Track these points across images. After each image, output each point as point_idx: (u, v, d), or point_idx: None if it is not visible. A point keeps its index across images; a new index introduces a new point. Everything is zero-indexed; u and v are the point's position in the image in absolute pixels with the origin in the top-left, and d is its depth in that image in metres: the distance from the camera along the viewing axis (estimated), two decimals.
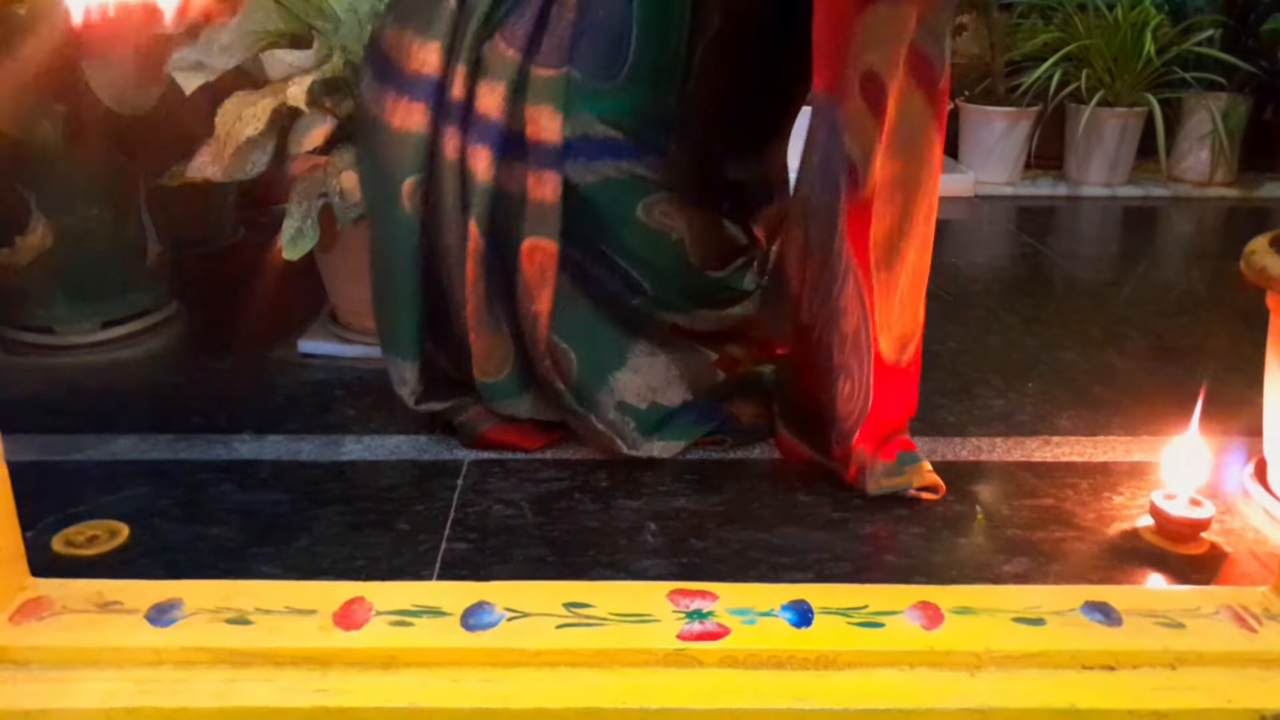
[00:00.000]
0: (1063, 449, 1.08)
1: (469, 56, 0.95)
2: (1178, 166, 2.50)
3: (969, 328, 1.46)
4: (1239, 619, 0.74)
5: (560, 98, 0.94)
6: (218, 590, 0.76)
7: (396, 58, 0.96)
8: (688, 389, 1.06)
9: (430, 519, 0.93)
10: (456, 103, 0.95)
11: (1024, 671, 0.70)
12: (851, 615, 0.74)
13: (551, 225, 0.95)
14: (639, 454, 1.02)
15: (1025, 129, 2.43)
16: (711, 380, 1.07)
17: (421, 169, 0.96)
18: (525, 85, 0.94)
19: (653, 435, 1.03)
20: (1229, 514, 0.96)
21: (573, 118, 0.94)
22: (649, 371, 1.04)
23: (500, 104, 0.94)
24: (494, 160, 0.95)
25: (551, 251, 0.95)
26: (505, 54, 0.94)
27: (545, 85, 0.94)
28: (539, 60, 0.94)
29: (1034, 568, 0.87)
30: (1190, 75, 2.36)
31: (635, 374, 1.03)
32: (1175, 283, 1.82)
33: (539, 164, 0.94)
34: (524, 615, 0.73)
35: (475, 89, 0.95)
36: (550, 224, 0.95)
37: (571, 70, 0.94)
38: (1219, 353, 1.37)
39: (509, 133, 0.95)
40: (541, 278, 0.96)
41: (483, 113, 0.95)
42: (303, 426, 1.11)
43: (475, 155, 0.95)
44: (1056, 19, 2.48)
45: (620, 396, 1.02)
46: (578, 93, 0.94)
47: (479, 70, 0.95)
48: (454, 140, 0.95)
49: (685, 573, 0.86)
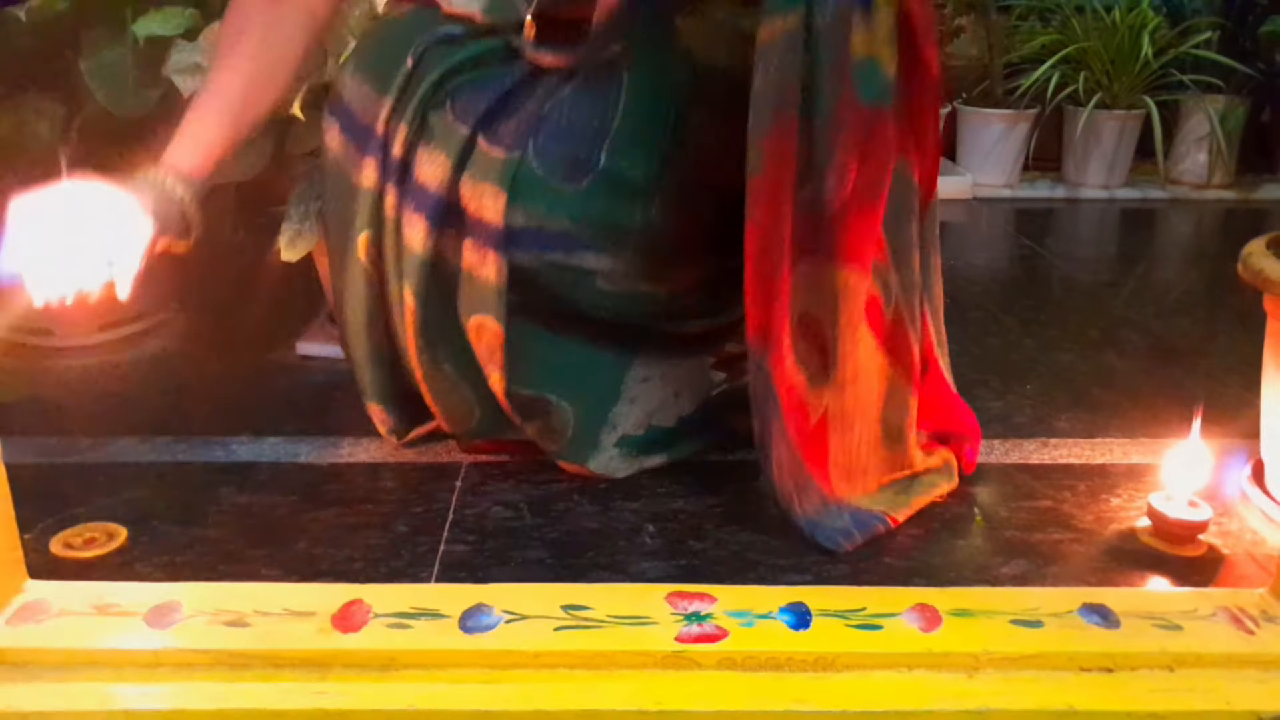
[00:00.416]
0: (1061, 451, 1.09)
1: (412, 119, 0.91)
2: (1176, 168, 2.50)
3: (967, 329, 1.46)
4: (1236, 621, 0.74)
5: (506, 180, 0.89)
6: (216, 593, 0.76)
7: (355, 109, 0.93)
8: (686, 401, 1.04)
9: (429, 521, 0.93)
10: (395, 161, 0.92)
11: (1022, 673, 0.70)
12: (850, 617, 0.74)
13: (495, 306, 0.91)
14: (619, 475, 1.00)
15: (1023, 131, 2.43)
16: (709, 384, 1.06)
17: (372, 224, 0.94)
18: (470, 159, 0.90)
19: (641, 457, 1.01)
20: (1227, 516, 0.96)
21: (523, 209, 0.89)
22: (646, 399, 1.01)
23: (440, 175, 0.90)
24: (430, 231, 0.91)
25: (497, 331, 0.92)
26: (453, 126, 0.90)
27: (492, 164, 0.89)
28: (490, 137, 0.90)
29: (1032, 570, 0.87)
30: (1188, 77, 2.36)
31: (633, 404, 1.01)
32: (1173, 285, 1.83)
33: (480, 242, 0.90)
34: (522, 617, 0.73)
35: (415, 154, 0.91)
36: (493, 304, 0.91)
37: (527, 158, 0.89)
38: (1217, 355, 1.37)
39: (448, 204, 0.91)
40: (490, 356, 0.93)
41: (421, 182, 0.91)
42: (301, 428, 1.11)
43: (411, 224, 0.91)
44: (1054, 21, 2.48)
45: (621, 430, 1.00)
46: (532, 185, 0.89)
47: (421, 135, 0.91)
48: (392, 198, 0.92)
49: (684, 575, 0.86)
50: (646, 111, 0.91)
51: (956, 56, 2.53)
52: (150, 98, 1.20)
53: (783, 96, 0.78)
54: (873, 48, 0.80)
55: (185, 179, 0.89)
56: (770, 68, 0.78)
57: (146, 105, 1.20)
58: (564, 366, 0.98)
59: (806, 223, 0.82)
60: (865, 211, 0.84)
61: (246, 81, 0.91)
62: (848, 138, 0.80)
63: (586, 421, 0.99)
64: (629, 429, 1.01)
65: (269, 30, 0.92)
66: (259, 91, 0.92)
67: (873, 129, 0.82)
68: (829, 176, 0.81)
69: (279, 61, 0.93)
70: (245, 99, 0.91)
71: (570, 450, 0.99)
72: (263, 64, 0.92)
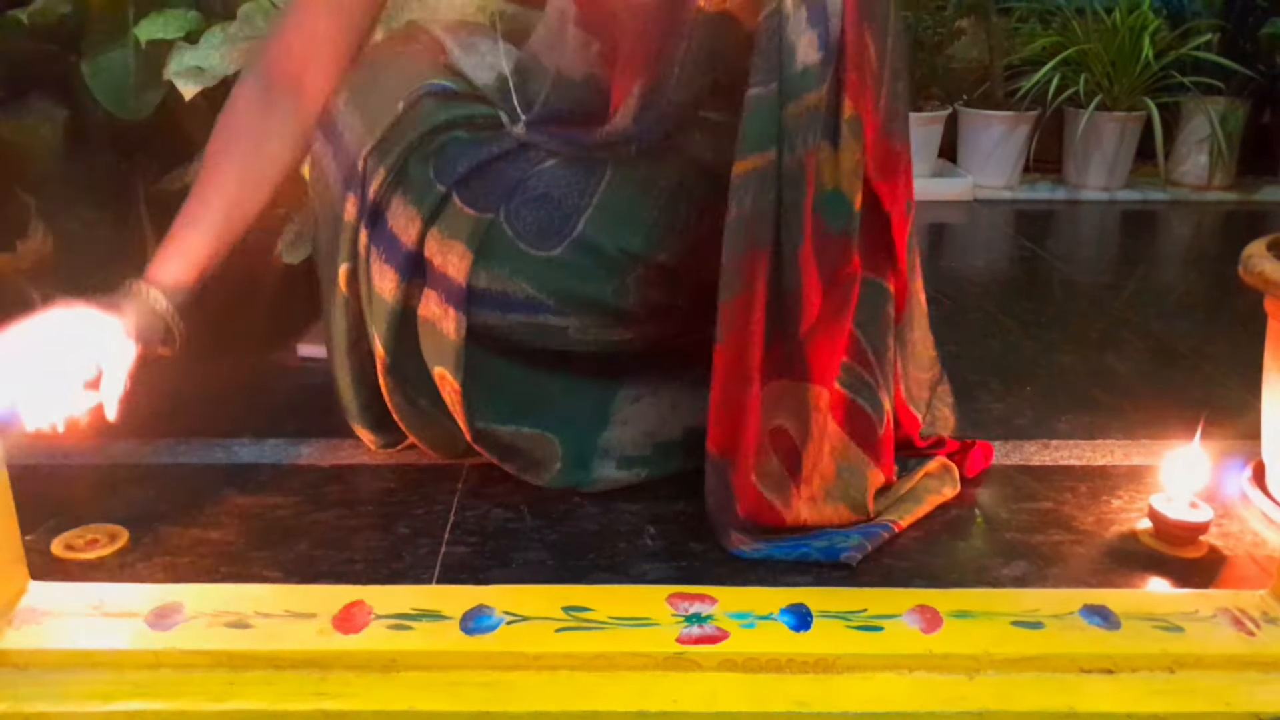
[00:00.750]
0: (1061, 452, 1.09)
1: (393, 165, 0.89)
2: (1176, 170, 2.51)
3: (967, 331, 1.46)
4: (1237, 622, 0.74)
5: (475, 240, 0.88)
6: (217, 594, 0.76)
7: (345, 139, 0.93)
8: (687, 413, 1.01)
9: (430, 522, 0.94)
10: (369, 203, 0.91)
11: (1023, 675, 0.70)
12: (850, 619, 0.74)
13: (453, 360, 0.90)
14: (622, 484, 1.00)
15: (1024, 133, 2.43)
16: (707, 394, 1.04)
17: (351, 257, 0.93)
18: (441, 215, 0.89)
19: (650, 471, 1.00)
20: (1227, 518, 0.96)
21: (487, 270, 0.89)
22: (641, 419, 1.00)
23: (412, 230, 0.89)
24: (399, 283, 0.90)
25: (455, 386, 0.91)
26: (431, 182, 0.89)
27: (463, 222, 0.89)
28: (466, 197, 0.89)
29: (1032, 571, 0.87)
30: (1188, 79, 2.36)
31: (626, 426, 0.99)
32: (1174, 286, 1.83)
33: (443, 297, 0.90)
34: (523, 619, 0.73)
35: (389, 201, 0.90)
36: (451, 359, 0.90)
37: (499, 221, 0.89)
38: (1217, 356, 1.37)
39: (417, 257, 0.90)
40: (453, 406, 0.93)
41: (393, 232, 0.90)
42: (302, 430, 1.11)
43: (381, 274, 0.91)
44: (1055, 23, 2.48)
45: (619, 452, 0.99)
46: (501, 247, 0.89)
47: (399, 185, 0.90)
48: (364, 237, 0.92)
49: (684, 576, 0.86)
50: (632, 192, 0.91)
51: (957, 59, 2.53)
52: (151, 101, 1.20)
53: (755, 229, 0.81)
54: (839, 180, 0.82)
55: (170, 291, 0.90)
56: (744, 201, 0.81)
57: (147, 108, 1.20)
58: (542, 397, 0.97)
59: (777, 344, 0.84)
60: (833, 333, 0.86)
61: (234, 193, 0.92)
62: (817, 266, 0.82)
63: (574, 451, 0.97)
64: (628, 450, 0.99)
65: (260, 142, 0.93)
66: (247, 203, 0.93)
67: (840, 256, 0.84)
68: (799, 302, 0.82)
69: (267, 173, 0.93)
70: (232, 211, 0.92)
71: (560, 479, 0.98)
72: (251, 176, 0.93)
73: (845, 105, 0.80)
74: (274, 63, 0.94)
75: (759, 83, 0.79)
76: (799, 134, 0.79)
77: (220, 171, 0.92)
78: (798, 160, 0.80)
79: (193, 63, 1.14)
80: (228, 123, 0.93)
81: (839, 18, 0.78)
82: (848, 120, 0.80)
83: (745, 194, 0.80)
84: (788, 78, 0.78)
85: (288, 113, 0.94)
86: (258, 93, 0.94)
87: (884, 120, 0.85)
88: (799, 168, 0.80)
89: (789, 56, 0.78)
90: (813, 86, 0.79)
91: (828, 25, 0.78)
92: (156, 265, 0.90)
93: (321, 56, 0.94)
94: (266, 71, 0.94)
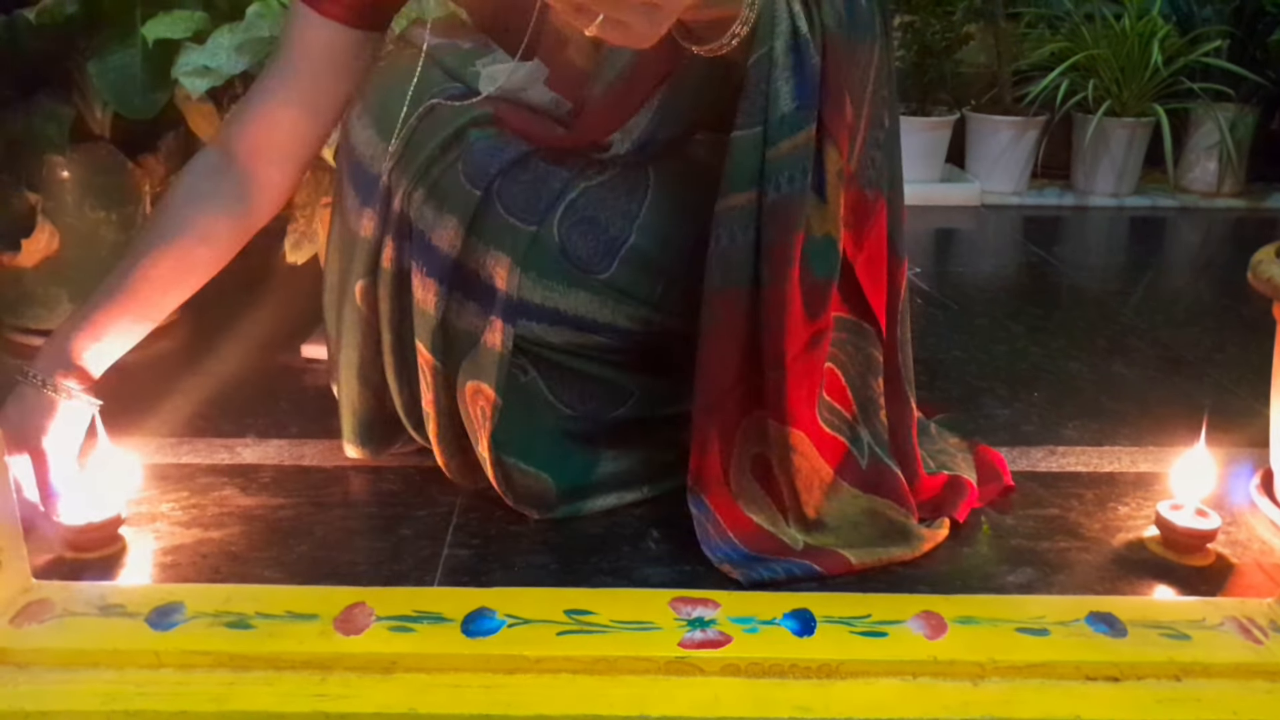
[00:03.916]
0: (1068, 459, 1.08)
1: (418, 175, 0.87)
2: (1185, 177, 2.50)
3: (975, 337, 1.46)
4: (1245, 631, 0.74)
5: (520, 252, 0.86)
6: (219, 594, 0.76)
7: (362, 155, 0.90)
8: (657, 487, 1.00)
9: (432, 524, 0.93)
10: (394, 214, 0.88)
11: (1028, 682, 0.70)
12: (854, 624, 0.73)
13: (495, 374, 0.87)
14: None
15: (1032, 138, 2.43)
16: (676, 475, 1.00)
17: (369, 273, 0.92)
18: (482, 224, 0.86)
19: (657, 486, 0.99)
20: (1235, 525, 0.95)
21: (540, 285, 0.88)
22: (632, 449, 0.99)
23: (451, 239, 0.87)
24: (440, 294, 0.88)
25: (492, 398, 0.88)
26: (464, 188, 0.86)
27: (506, 232, 0.86)
28: (506, 204, 0.86)
29: (1039, 578, 0.87)
30: (1197, 86, 2.36)
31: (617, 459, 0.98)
32: (1182, 293, 1.82)
33: (490, 309, 0.88)
34: (525, 622, 0.73)
35: (422, 213, 0.87)
36: (492, 373, 0.87)
37: (542, 235, 0.87)
38: (1226, 364, 1.37)
39: (460, 268, 0.87)
40: (482, 422, 0.90)
41: (433, 243, 0.87)
42: (305, 431, 1.11)
43: (424, 287, 0.88)
44: (1064, 28, 2.48)
45: (616, 483, 0.97)
46: (548, 262, 0.88)
47: (431, 196, 0.87)
48: (390, 250, 0.89)
49: (687, 580, 0.85)
50: (670, 206, 0.91)
51: (965, 64, 2.53)
52: (158, 100, 1.20)
53: (733, 266, 0.82)
54: (826, 227, 0.83)
55: (76, 377, 0.91)
56: (722, 238, 0.82)
57: (155, 108, 1.20)
58: (541, 445, 0.94)
59: (756, 377, 0.85)
60: (809, 371, 0.86)
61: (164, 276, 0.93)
62: (802, 306, 0.83)
63: (566, 492, 0.95)
64: (624, 477, 0.98)
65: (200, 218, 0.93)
66: (173, 293, 0.94)
67: (821, 300, 0.85)
68: (777, 339, 0.83)
69: (200, 255, 0.94)
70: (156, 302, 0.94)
71: (555, 512, 0.95)
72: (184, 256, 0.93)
73: (829, 154, 0.81)
74: (233, 141, 0.95)
75: (744, 125, 0.81)
76: (782, 174, 0.80)
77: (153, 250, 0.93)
78: (780, 200, 0.81)
79: (200, 62, 1.14)
80: (173, 193, 0.94)
81: (817, 69, 0.80)
82: (836, 171, 0.82)
83: (724, 231, 0.82)
84: (772, 122, 0.80)
85: (236, 191, 0.94)
86: (211, 167, 0.95)
87: (856, 169, 0.86)
88: (780, 208, 0.81)
89: (774, 101, 0.80)
90: (796, 131, 0.80)
91: (806, 74, 0.79)
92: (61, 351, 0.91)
93: (281, 148, 0.95)
94: (224, 149, 0.95)
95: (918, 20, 2.40)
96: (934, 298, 1.64)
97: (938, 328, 1.50)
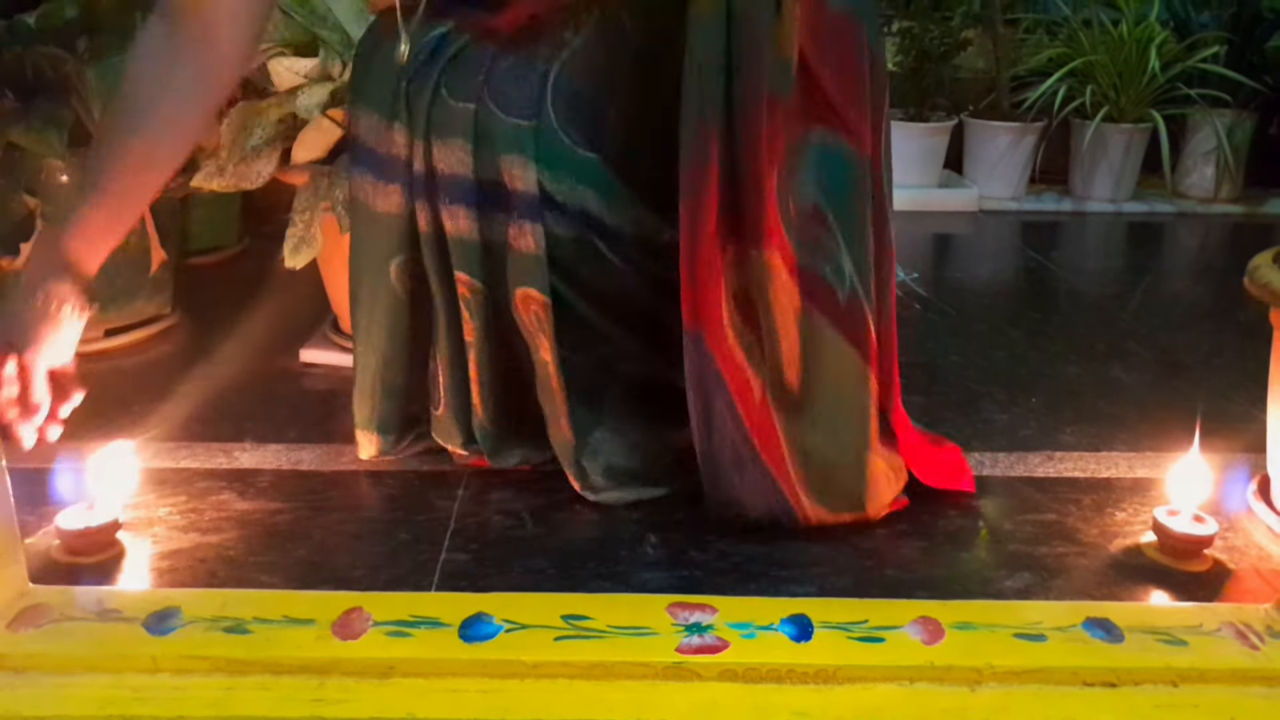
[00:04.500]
0: (1066, 464, 1.08)
1: (425, 127, 0.91)
2: (1182, 182, 2.50)
3: (973, 342, 1.46)
4: (1241, 636, 0.74)
5: (530, 148, 0.89)
6: (216, 599, 0.76)
7: (369, 141, 0.94)
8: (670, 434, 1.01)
9: (430, 529, 0.93)
10: (420, 175, 0.92)
11: (1025, 687, 0.70)
12: (852, 630, 0.73)
13: (538, 276, 0.91)
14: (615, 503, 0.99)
15: (1030, 144, 2.43)
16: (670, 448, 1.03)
17: (405, 248, 0.95)
18: (486, 133, 0.89)
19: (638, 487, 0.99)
20: (1232, 531, 0.95)
21: (554, 179, 0.90)
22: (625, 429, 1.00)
23: (464, 159, 0.90)
24: (470, 216, 0.92)
25: (543, 301, 0.92)
26: (456, 108, 0.89)
27: (512, 134, 0.89)
28: (503, 106, 0.89)
29: (1036, 583, 0.87)
30: (1195, 92, 2.36)
31: (614, 434, 0.99)
32: (1180, 298, 1.82)
33: (518, 215, 0.91)
34: (522, 627, 0.73)
35: (433, 152, 0.91)
36: (536, 275, 0.91)
37: (544, 123, 0.89)
38: (1223, 369, 1.37)
39: (480, 184, 0.91)
40: (539, 326, 0.93)
41: (452, 172, 0.91)
42: (303, 435, 1.11)
43: (454, 215, 0.92)
44: (1062, 34, 2.48)
45: (606, 460, 0.98)
46: (556, 151, 0.90)
47: (432, 133, 0.91)
48: (425, 214, 0.93)
49: (685, 585, 0.85)
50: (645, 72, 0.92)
51: (963, 69, 2.53)
52: None
53: (706, 80, 0.84)
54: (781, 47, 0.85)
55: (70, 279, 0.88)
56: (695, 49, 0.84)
57: None
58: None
59: (729, 206, 0.86)
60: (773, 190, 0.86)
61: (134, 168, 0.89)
62: (760, 124, 0.84)
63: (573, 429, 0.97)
64: (616, 458, 0.98)
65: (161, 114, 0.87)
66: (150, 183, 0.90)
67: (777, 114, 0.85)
68: (745, 158, 0.84)
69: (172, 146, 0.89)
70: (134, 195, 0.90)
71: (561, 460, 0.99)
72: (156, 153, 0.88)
73: None
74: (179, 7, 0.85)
75: None
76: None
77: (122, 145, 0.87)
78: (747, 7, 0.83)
79: None
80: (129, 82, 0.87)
81: None
82: None
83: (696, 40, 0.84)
84: None
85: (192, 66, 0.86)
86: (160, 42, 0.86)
87: None
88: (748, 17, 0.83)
89: None
90: None
91: None
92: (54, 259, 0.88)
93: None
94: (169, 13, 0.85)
95: (916, 26, 2.41)
96: (932, 303, 1.64)
97: (936, 333, 1.50)
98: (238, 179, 1.17)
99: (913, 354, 0.99)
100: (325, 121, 1.15)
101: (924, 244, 2.14)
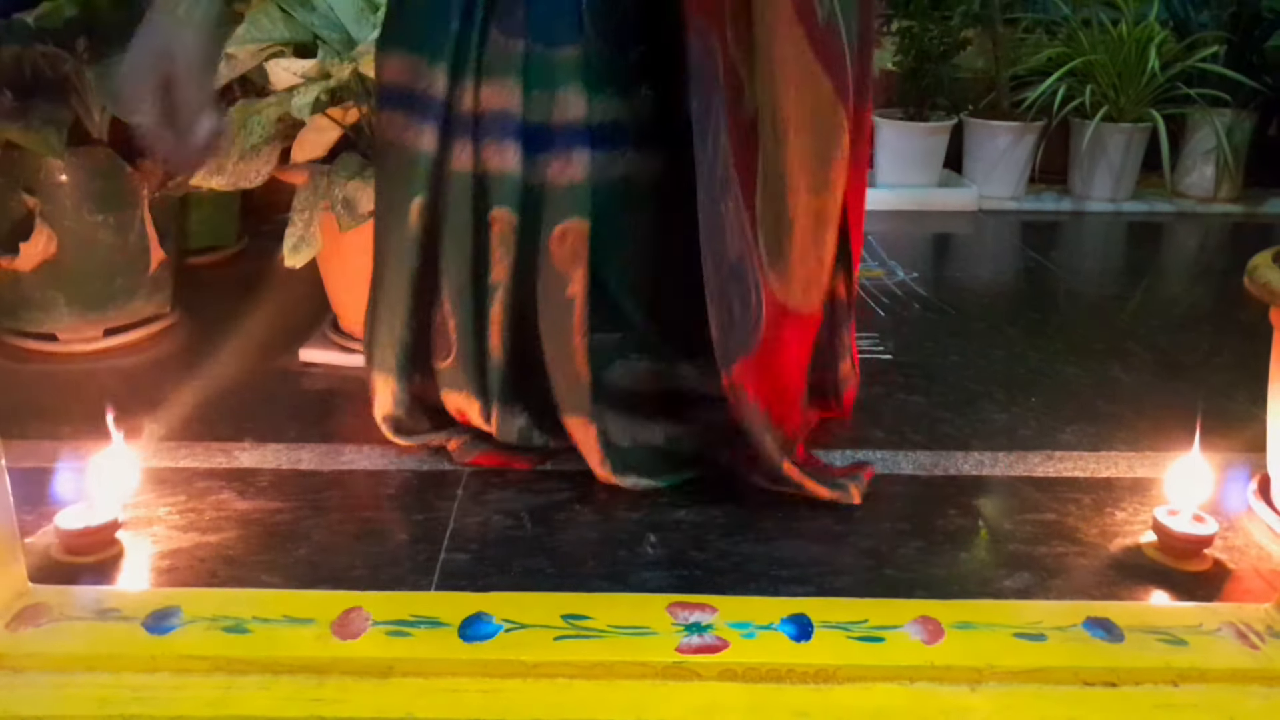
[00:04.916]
0: (1065, 464, 1.08)
1: (474, 67, 0.93)
2: (1182, 182, 2.50)
3: (972, 341, 1.46)
4: (1242, 636, 0.74)
5: (578, 76, 0.92)
6: (216, 598, 0.76)
7: (403, 80, 0.95)
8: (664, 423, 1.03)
9: (429, 529, 0.93)
10: (466, 115, 0.94)
11: (1025, 687, 0.70)
12: (852, 629, 0.73)
13: (583, 204, 0.94)
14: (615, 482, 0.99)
15: (1030, 143, 2.43)
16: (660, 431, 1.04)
17: (428, 189, 0.96)
18: (533, 69, 0.92)
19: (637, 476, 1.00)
20: (1232, 530, 0.95)
21: (603, 102, 0.94)
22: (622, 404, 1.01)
23: (516, 99, 0.93)
24: (520, 152, 0.94)
25: (582, 231, 0.94)
26: (508, 46, 0.92)
27: (561, 68, 0.92)
28: (548, 43, 0.92)
29: (1036, 583, 0.86)
30: (1194, 91, 2.36)
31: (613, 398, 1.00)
32: (1179, 298, 1.82)
33: (566, 145, 0.93)
34: (522, 626, 0.73)
35: (480, 95, 0.93)
36: (580, 204, 0.94)
37: (587, 48, 0.93)
38: (1222, 368, 1.37)
39: (528, 124, 0.93)
40: (574, 258, 0.95)
41: (501, 109, 0.93)
42: (303, 435, 1.11)
43: (502, 153, 0.94)
44: (1061, 34, 2.48)
45: (603, 425, 0.99)
46: (599, 70, 0.93)
47: (483, 73, 0.93)
48: (465, 152, 0.94)
49: (685, 585, 0.85)
50: None
51: (963, 69, 2.53)
52: None
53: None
54: None
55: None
56: None
57: None
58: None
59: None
60: None
61: None
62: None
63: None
64: (614, 436, 0.99)
65: None
66: None
67: None
68: None
69: None
70: None
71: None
72: None
73: None
74: None
75: None
76: None
77: None
78: None
79: None
80: None
81: None
82: None
83: None
84: None
85: None
86: None
87: None
88: None
89: None
90: None
91: None
92: None
93: None
94: None
95: (915, 25, 2.41)
96: (931, 303, 1.64)
97: (935, 332, 1.50)
98: (237, 178, 1.17)
99: (912, 354, 0.99)
100: (322, 120, 1.15)
101: (923, 244, 2.14)
